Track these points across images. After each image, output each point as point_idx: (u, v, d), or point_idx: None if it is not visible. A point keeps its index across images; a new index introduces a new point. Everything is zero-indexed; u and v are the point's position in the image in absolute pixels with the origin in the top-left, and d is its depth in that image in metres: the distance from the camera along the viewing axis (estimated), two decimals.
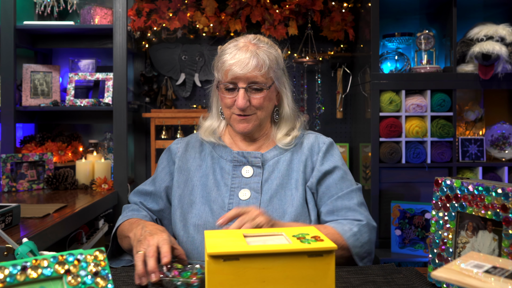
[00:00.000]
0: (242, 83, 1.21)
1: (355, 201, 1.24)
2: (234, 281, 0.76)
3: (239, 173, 1.26)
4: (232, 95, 1.23)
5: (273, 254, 0.77)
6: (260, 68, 1.20)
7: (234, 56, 1.20)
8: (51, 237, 1.54)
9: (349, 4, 2.86)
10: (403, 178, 2.51)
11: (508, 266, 0.63)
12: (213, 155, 1.31)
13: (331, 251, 0.78)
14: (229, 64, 1.20)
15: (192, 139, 1.38)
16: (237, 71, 1.19)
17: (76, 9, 2.73)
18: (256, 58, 1.20)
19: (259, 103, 1.23)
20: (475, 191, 0.91)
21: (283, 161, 1.28)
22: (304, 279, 0.78)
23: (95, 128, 2.96)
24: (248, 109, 1.23)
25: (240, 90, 1.21)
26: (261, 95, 1.22)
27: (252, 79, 1.20)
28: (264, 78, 1.21)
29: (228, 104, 1.24)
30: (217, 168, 1.29)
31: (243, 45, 1.22)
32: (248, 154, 1.27)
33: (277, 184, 1.24)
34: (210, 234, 0.86)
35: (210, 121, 1.36)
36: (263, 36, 1.29)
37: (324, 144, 1.31)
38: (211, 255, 0.75)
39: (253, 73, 1.19)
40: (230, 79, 1.21)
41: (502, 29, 2.40)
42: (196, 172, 1.30)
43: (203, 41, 3.01)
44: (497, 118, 2.68)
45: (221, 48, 1.28)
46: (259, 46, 1.23)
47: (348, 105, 3.04)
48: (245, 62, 1.19)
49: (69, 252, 0.61)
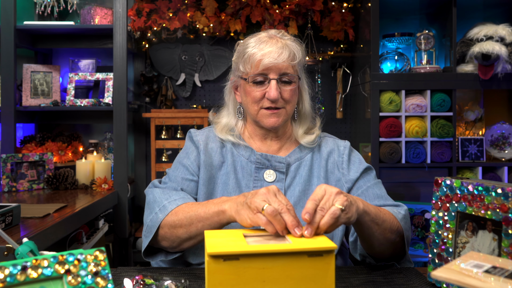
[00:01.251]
0: (274, 74, 1.18)
1: (383, 190, 1.25)
2: (234, 281, 0.75)
3: (261, 176, 1.23)
4: (262, 88, 1.19)
5: (273, 254, 0.76)
6: (292, 58, 1.19)
7: (264, 48, 1.17)
8: (51, 237, 1.55)
9: (349, 4, 2.86)
10: (403, 178, 2.51)
11: (508, 266, 0.63)
12: (234, 152, 1.27)
13: (331, 251, 0.78)
14: (261, 55, 1.17)
15: (211, 133, 1.32)
16: (271, 61, 1.16)
17: (76, 9, 2.73)
18: (288, 49, 1.18)
19: (289, 96, 1.20)
20: (475, 191, 0.91)
21: (304, 165, 1.26)
22: (304, 279, 0.77)
23: (95, 128, 2.96)
24: (279, 101, 1.20)
25: (271, 81, 1.18)
26: (291, 87, 1.20)
27: (284, 70, 1.18)
28: (293, 71, 1.20)
29: (257, 98, 1.20)
30: (239, 167, 1.24)
31: (269, 38, 1.20)
32: (272, 158, 1.24)
33: (300, 191, 1.22)
34: (210, 234, 0.86)
35: (226, 119, 1.31)
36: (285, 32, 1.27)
37: (345, 149, 1.29)
38: (211, 255, 0.75)
39: (285, 63, 1.17)
40: (261, 70, 1.18)
41: (502, 29, 2.40)
42: (218, 169, 1.25)
43: (203, 41, 3.01)
44: (497, 118, 2.68)
45: (241, 43, 1.25)
46: (287, 39, 1.21)
47: (348, 105, 3.04)
48: (278, 52, 1.16)
49: (69, 252, 0.61)
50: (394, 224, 1.11)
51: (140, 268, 1.14)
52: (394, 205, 1.21)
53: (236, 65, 1.25)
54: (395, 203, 1.21)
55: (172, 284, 0.92)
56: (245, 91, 1.23)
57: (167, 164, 2.79)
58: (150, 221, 1.13)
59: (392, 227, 1.10)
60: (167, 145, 2.76)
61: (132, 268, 1.10)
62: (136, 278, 0.95)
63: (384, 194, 1.25)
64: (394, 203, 1.22)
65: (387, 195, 1.25)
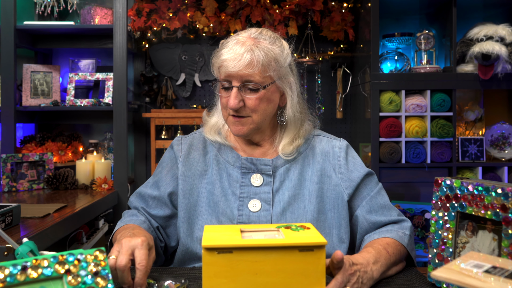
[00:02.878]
0: (236, 81, 1.11)
1: (386, 198, 1.22)
2: (228, 273, 0.80)
3: (248, 181, 1.17)
4: (227, 94, 1.13)
5: (265, 248, 0.80)
6: (253, 65, 1.09)
7: (229, 51, 1.11)
8: (51, 237, 1.54)
9: (349, 4, 2.86)
10: (403, 178, 2.51)
11: (507, 266, 0.63)
12: (219, 159, 1.21)
13: (322, 246, 0.81)
14: (222, 60, 1.11)
15: (195, 139, 1.26)
16: (229, 67, 1.09)
17: (76, 9, 2.73)
18: (250, 54, 1.09)
19: (254, 104, 1.12)
20: (474, 191, 0.91)
21: (294, 168, 1.19)
22: (295, 273, 0.81)
23: (95, 128, 2.96)
24: (242, 110, 1.13)
25: (233, 89, 1.11)
26: (256, 96, 1.12)
27: (246, 78, 1.10)
28: (260, 77, 1.10)
29: (224, 104, 1.15)
30: (224, 175, 1.19)
31: (242, 39, 1.13)
32: (257, 161, 1.17)
33: (289, 196, 1.15)
34: (209, 228, 0.90)
35: (216, 118, 1.26)
36: (268, 30, 1.19)
37: (341, 150, 1.22)
38: (206, 248, 0.79)
39: (245, 71, 1.09)
40: (224, 77, 1.12)
41: (502, 29, 2.40)
42: (201, 178, 1.20)
43: (203, 41, 3.01)
44: (497, 118, 2.68)
45: (223, 42, 1.19)
46: (258, 41, 1.12)
47: (348, 105, 3.05)
48: (238, 58, 1.09)
49: (69, 252, 0.61)
50: (402, 254, 1.11)
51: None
52: (398, 220, 1.18)
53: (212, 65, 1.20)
54: (399, 218, 1.18)
55: (172, 284, 0.92)
56: (219, 95, 1.19)
57: None
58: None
59: (401, 257, 1.11)
60: (167, 145, 2.76)
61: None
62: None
63: (387, 202, 1.21)
64: (398, 217, 1.18)
65: (390, 203, 1.22)
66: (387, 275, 1.06)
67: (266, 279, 0.80)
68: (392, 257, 1.06)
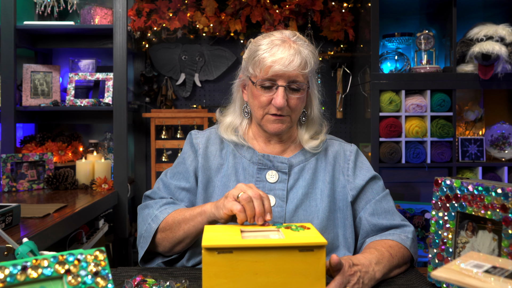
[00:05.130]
0: (282, 81, 1.14)
1: (391, 204, 1.23)
2: (228, 273, 0.80)
3: (263, 177, 1.20)
4: (269, 94, 1.16)
5: (265, 248, 0.81)
6: (303, 67, 1.14)
7: (276, 53, 1.13)
8: (51, 237, 1.55)
9: (349, 4, 2.86)
10: (403, 178, 2.51)
11: (507, 266, 0.63)
12: (235, 154, 1.24)
13: (322, 246, 0.82)
14: (272, 61, 1.13)
15: (212, 134, 1.29)
16: (281, 68, 1.12)
17: (76, 9, 2.73)
18: (300, 56, 1.14)
19: (295, 104, 1.17)
20: (474, 191, 0.91)
21: (308, 168, 1.23)
22: (295, 273, 0.81)
23: (95, 128, 2.96)
24: (285, 109, 1.17)
25: (279, 88, 1.14)
26: (298, 96, 1.17)
27: (293, 78, 1.14)
28: (303, 78, 1.16)
29: (263, 102, 1.17)
30: (240, 169, 1.22)
31: (282, 41, 1.16)
32: (274, 158, 1.21)
33: (303, 194, 1.19)
34: (209, 228, 0.91)
35: (232, 117, 1.28)
36: (298, 33, 1.23)
37: (352, 154, 1.27)
38: (206, 248, 0.80)
39: (296, 71, 1.13)
40: (270, 76, 1.14)
41: (502, 29, 2.40)
42: (217, 172, 1.23)
43: (203, 41, 3.01)
44: (497, 118, 2.68)
45: (253, 41, 1.21)
46: (300, 44, 1.17)
47: (348, 105, 3.05)
48: (290, 59, 1.12)
49: (69, 252, 0.61)
50: (405, 256, 1.12)
51: (140, 268, 1.14)
52: (401, 225, 1.19)
53: (246, 65, 1.21)
54: (402, 222, 1.20)
55: (173, 284, 0.93)
56: (252, 93, 1.20)
57: (167, 164, 2.79)
58: (145, 231, 1.16)
59: (404, 260, 1.12)
60: (167, 145, 2.76)
61: (132, 268, 1.10)
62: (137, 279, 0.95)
63: (392, 208, 1.23)
64: (401, 222, 1.20)
65: (395, 209, 1.23)
66: (390, 277, 1.06)
67: (266, 279, 0.80)
68: (395, 259, 1.07)
